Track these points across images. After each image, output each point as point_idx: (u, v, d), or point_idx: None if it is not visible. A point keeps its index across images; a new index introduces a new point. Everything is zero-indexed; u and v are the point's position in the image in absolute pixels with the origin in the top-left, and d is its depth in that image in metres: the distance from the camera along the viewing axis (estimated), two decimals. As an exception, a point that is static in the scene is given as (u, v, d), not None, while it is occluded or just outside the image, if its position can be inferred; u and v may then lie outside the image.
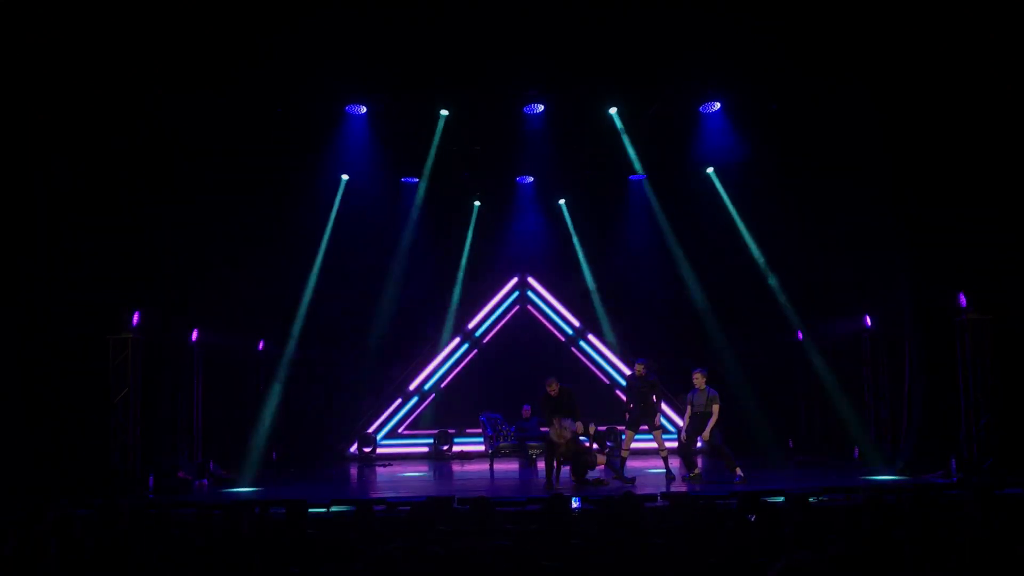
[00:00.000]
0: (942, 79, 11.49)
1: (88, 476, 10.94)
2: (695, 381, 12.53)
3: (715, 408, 12.28)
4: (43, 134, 11.20)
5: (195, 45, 11.73)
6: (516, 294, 19.21)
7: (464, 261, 18.64)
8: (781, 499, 8.58)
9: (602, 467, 12.12)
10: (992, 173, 11.39)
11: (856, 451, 14.19)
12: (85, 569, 5.15)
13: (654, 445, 13.04)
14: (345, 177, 16.48)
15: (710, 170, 16.68)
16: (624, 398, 13.39)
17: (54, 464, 10.82)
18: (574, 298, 19.02)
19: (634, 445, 12.96)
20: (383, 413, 18.26)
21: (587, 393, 17.83)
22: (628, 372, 13.73)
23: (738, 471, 11.81)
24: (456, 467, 16.05)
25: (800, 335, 16.51)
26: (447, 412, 18.29)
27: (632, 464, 13.07)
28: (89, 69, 11.16)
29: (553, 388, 12.00)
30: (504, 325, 18.99)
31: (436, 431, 18.01)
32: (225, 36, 11.74)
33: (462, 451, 17.71)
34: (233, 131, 13.81)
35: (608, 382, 18.83)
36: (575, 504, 9.22)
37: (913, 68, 11.69)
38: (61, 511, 6.79)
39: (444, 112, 14.96)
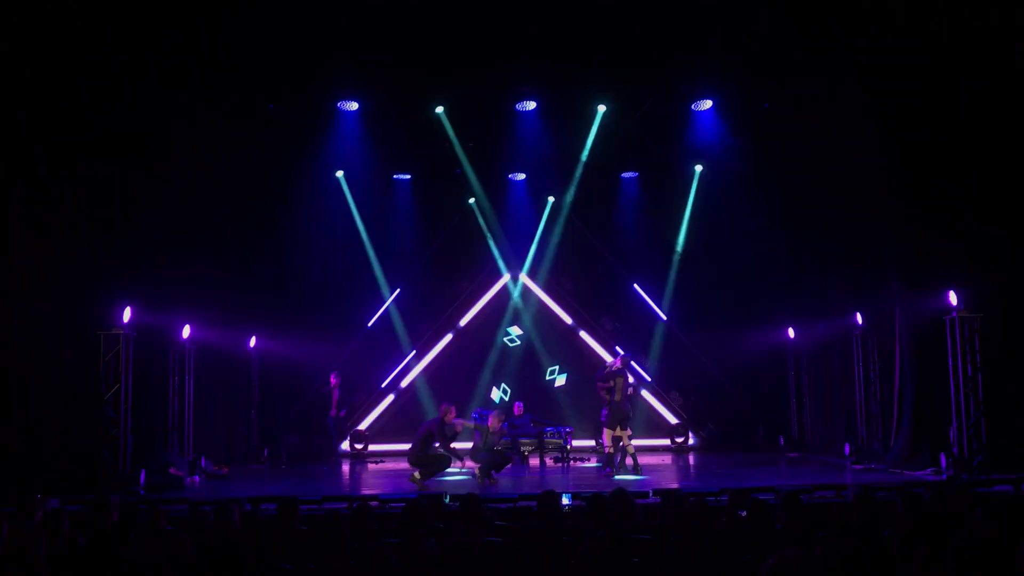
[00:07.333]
0: (933, 77, 11.53)
1: (79, 472, 10.90)
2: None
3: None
4: (35, 127, 11.16)
5: (188, 40, 11.70)
6: (508, 291, 19.18)
7: (456, 258, 18.62)
8: (772, 496, 8.61)
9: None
10: (982, 171, 11.44)
11: (847, 448, 14.24)
12: (75, 566, 5.13)
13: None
14: (339, 173, 16.47)
15: (699, 168, 16.73)
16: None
17: (45, 460, 10.78)
18: (566, 295, 19.00)
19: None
20: (375, 410, 18.24)
21: (583, 390, 17.89)
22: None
23: None
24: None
25: (791, 332, 16.56)
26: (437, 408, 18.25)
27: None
28: (84, 63, 11.13)
29: (450, 415, 12.38)
30: (496, 322, 18.95)
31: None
32: (218, 31, 11.72)
33: (453, 448, 17.65)
34: (226, 127, 13.80)
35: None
36: (566, 501, 9.24)
37: (905, 66, 11.73)
38: (52, 507, 6.77)
39: (439, 110, 14.97)
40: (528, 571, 4.96)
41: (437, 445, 12.20)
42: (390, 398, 18.34)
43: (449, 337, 18.72)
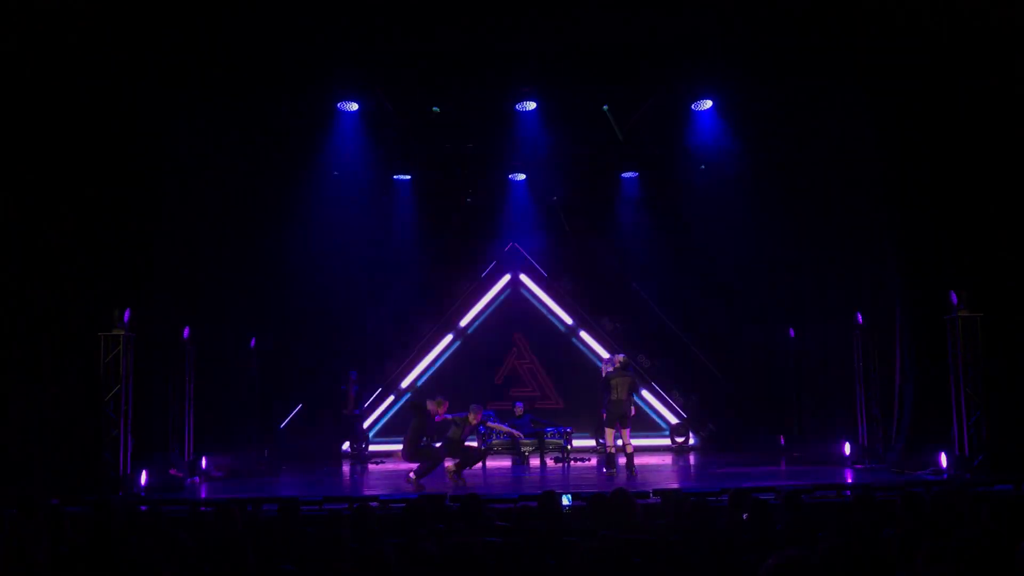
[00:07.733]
0: (934, 77, 11.54)
1: (80, 474, 10.90)
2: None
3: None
4: (35, 128, 11.16)
5: (188, 40, 11.70)
6: (508, 292, 19.18)
7: (456, 259, 18.61)
8: (772, 496, 8.61)
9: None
10: (982, 171, 11.45)
11: (848, 448, 14.24)
12: (75, 566, 5.13)
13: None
14: (336, 174, 16.45)
15: (702, 167, 16.71)
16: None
17: (45, 462, 10.78)
18: (566, 295, 19.00)
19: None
20: (375, 411, 18.23)
21: (583, 391, 17.87)
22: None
23: None
24: (448, 464, 16.01)
25: (792, 332, 16.54)
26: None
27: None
28: (84, 63, 11.13)
29: (442, 408, 12.40)
30: (496, 322, 18.96)
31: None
32: (218, 31, 11.71)
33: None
34: (225, 127, 13.79)
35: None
36: (566, 501, 9.24)
37: (905, 66, 11.74)
38: (52, 509, 6.76)
39: (435, 108, 14.95)
40: (528, 571, 4.96)
41: (425, 439, 12.17)
42: (390, 399, 18.35)
43: (449, 337, 18.74)
